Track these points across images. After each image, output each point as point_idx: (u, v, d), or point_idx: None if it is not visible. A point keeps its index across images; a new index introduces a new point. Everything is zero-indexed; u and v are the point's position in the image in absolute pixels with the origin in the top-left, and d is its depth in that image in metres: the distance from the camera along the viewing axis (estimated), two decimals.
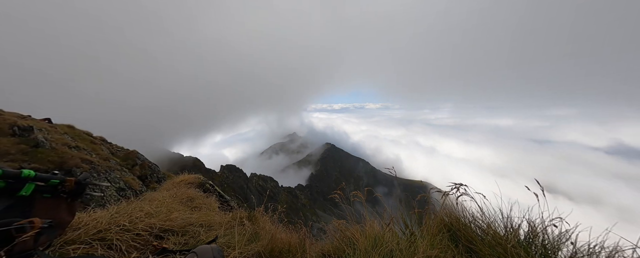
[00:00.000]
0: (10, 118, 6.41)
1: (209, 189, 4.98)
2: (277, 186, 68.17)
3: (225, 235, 2.14)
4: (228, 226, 2.41)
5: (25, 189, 0.88)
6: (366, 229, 2.07)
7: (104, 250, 1.58)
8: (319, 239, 2.58)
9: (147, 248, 1.76)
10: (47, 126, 7.36)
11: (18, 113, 7.69)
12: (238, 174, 59.87)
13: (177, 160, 63.72)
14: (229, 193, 6.08)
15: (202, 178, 5.36)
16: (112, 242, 1.65)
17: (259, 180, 65.01)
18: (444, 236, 1.94)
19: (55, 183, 1.00)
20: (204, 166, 57.78)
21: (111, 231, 1.73)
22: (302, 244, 2.21)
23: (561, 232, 1.66)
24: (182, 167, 18.65)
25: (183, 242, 1.99)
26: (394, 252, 1.73)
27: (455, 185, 2.26)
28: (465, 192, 2.19)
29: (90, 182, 1.16)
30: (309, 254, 2.08)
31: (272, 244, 2.15)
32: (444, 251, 1.76)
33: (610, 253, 1.48)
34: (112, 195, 5.13)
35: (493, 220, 1.93)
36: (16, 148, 5.24)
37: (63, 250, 1.44)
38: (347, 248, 1.93)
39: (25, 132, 5.91)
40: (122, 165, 7.64)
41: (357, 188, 2.66)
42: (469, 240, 1.84)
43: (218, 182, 40.59)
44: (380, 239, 1.88)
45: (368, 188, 2.66)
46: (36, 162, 5.09)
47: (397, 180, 12.92)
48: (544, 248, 1.66)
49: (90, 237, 1.61)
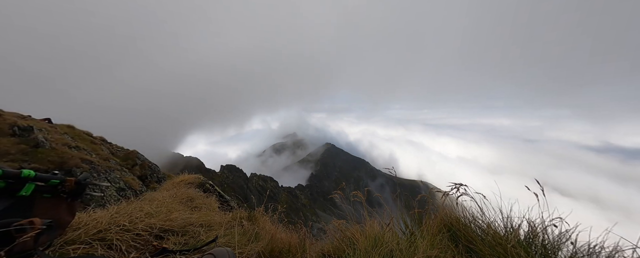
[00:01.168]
0: (10, 118, 6.41)
1: (209, 189, 4.98)
2: (277, 186, 68.15)
3: (225, 235, 2.14)
4: (228, 226, 2.41)
5: (25, 189, 0.88)
6: (366, 229, 2.07)
7: (104, 250, 1.58)
8: (319, 239, 2.58)
9: (147, 249, 1.76)
10: (47, 126, 7.36)
11: (18, 113, 7.69)
12: (238, 174, 59.86)
13: (177, 160, 63.70)
14: (229, 193, 6.07)
15: (202, 178, 5.36)
16: (112, 242, 1.65)
17: (259, 180, 65.00)
18: (444, 236, 1.94)
19: (55, 183, 1.00)
20: (204, 166, 57.77)
21: (111, 231, 1.73)
22: (302, 244, 2.21)
23: (561, 232, 1.66)
24: (182, 167, 18.66)
25: (183, 242, 1.98)
26: (394, 252, 1.73)
27: (455, 185, 2.26)
28: (465, 192, 2.19)
29: (90, 182, 1.16)
30: (309, 254, 2.08)
31: (272, 244, 2.15)
32: (444, 251, 1.76)
33: (610, 253, 1.48)
34: (112, 195, 5.12)
35: (493, 220, 1.93)
36: (16, 148, 5.24)
37: (63, 250, 1.44)
38: (347, 248, 1.93)
39: (25, 132, 5.91)
40: (122, 165, 7.63)
41: (357, 188, 2.67)
42: (469, 240, 1.84)
43: (218, 182, 40.56)
44: (380, 239, 1.88)
45: (368, 188, 2.66)
46: (36, 162, 5.09)
47: (397, 180, 13.14)
48: (544, 248, 1.66)
49: (90, 237, 1.61)
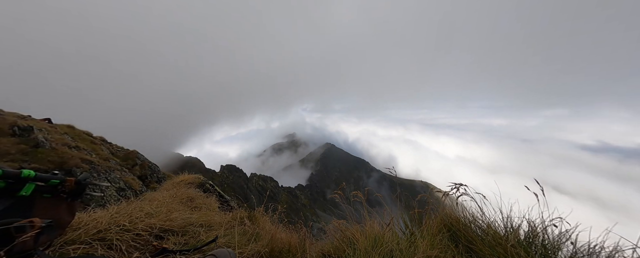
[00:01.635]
0: (10, 118, 6.41)
1: (209, 189, 4.98)
2: (277, 186, 68.17)
3: (225, 235, 2.14)
4: (228, 226, 2.41)
5: (25, 189, 0.89)
6: (366, 229, 2.07)
7: (104, 250, 1.58)
8: (319, 239, 2.58)
9: (147, 249, 1.76)
10: (47, 126, 7.36)
11: (18, 113, 7.69)
12: (238, 174, 59.90)
13: (177, 160, 63.69)
14: (229, 193, 6.07)
15: (202, 178, 5.36)
16: (112, 242, 1.65)
17: (259, 180, 65.02)
18: (444, 236, 1.94)
19: (55, 183, 1.00)
20: (204, 166, 57.78)
21: (111, 231, 1.73)
22: (302, 244, 2.21)
23: (561, 232, 1.66)
24: (182, 167, 18.62)
25: (183, 242, 1.98)
26: (394, 252, 1.73)
27: (455, 185, 2.26)
28: (465, 192, 2.19)
29: (90, 182, 1.16)
30: (309, 254, 2.08)
31: (272, 244, 2.15)
32: (444, 251, 1.76)
33: (610, 253, 1.48)
34: (112, 195, 5.12)
35: (493, 220, 1.93)
36: (16, 148, 5.24)
37: (63, 250, 1.44)
38: (347, 248, 1.93)
39: (25, 132, 5.91)
40: (122, 165, 7.63)
41: (357, 188, 2.67)
42: (469, 240, 1.84)
43: (218, 182, 40.57)
44: (380, 239, 1.88)
45: (368, 188, 2.66)
46: (36, 162, 5.09)
47: (397, 180, 13.15)
48: (544, 248, 1.66)
49: (90, 237, 1.61)
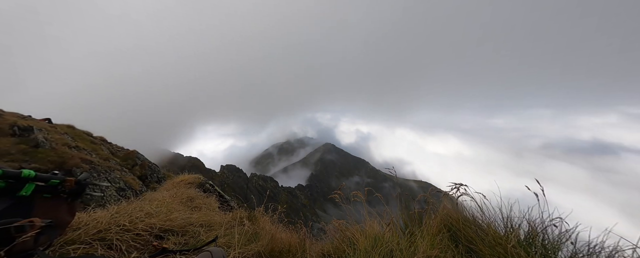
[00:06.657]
0: (10, 118, 6.42)
1: (209, 189, 4.98)
2: (277, 186, 68.18)
3: (225, 235, 2.14)
4: (228, 226, 2.41)
5: (25, 189, 0.89)
6: (366, 229, 2.07)
7: (104, 250, 1.58)
8: (319, 239, 2.58)
9: (147, 249, 1.76)
10: (47, 126, 7.36)
11: (18, 113, 7.69)
12: (238, 174, 59.91)
13: (177, 160, 63.67)
14: (229, 193, 6.07)
15: (202, 178, 5.36)
16: (112, 242, 1.65)
17: (259, 180, 65.03)
18: (444, 236, 1.94)
19: (56, 183, 1.00)
20: (204, 166, 57.80)
21: (111, 231, 1.73)
22: (302, 244, 2.21)
23: (561, 232, 1.66)
24: (182, 167, 18.64)
25: (183, 242, 1.98)
26: (394, 252, 1.73)
27: (455, 185, 2.26)
28: (465, 192, 2.19)
29: (90, 182, 1.16)
30: (309, 254, 2.08)
31: (272, 244, 2.15)
32: (444, 251, 1.76)
33: (610, 253, 1.49)
34: (112, 195, 5.12)
35: (493, 220, 1.93)
36: (16, 148, 5.25)
37: (63, 250, 1.44)
38: (347, 248, 1.93)
39: (25, 132, 5.91)
40: (122, 165, 7.63)
41: (357, 188, 2.67)
42: (469, 240, 1.84)
43: (218, 182, 40.57)
44: (380, 239, 1.88)
45: (368, 188, 2.66)
46: (36, 162, 5.09)
47: (397, 180, 13.16)
48: (544, 248, 1.66)
49: (90, 237, 1.61)
